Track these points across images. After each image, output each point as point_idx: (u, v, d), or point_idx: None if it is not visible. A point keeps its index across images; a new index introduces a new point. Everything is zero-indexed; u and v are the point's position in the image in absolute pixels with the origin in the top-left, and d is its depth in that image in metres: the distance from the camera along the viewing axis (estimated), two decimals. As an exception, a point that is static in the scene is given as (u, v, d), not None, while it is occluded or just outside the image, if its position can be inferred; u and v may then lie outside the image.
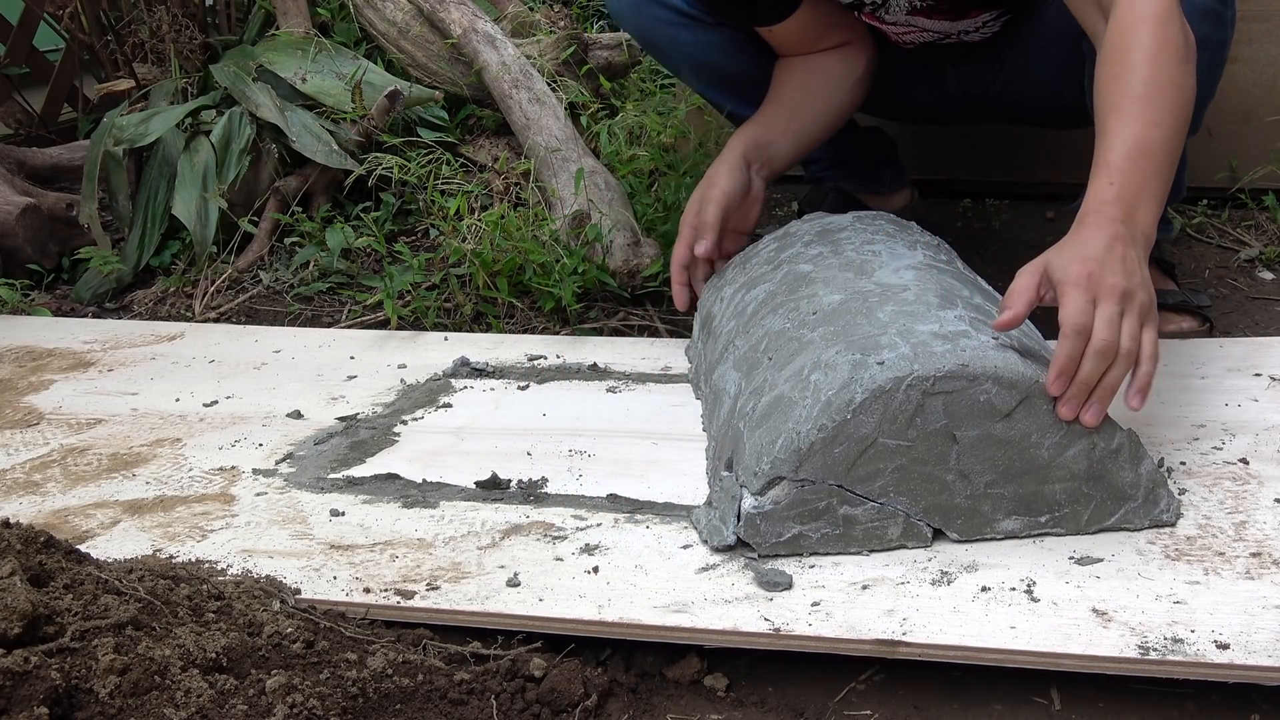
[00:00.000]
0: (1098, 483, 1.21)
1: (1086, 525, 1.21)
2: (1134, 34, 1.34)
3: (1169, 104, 1.31)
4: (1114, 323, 1.17)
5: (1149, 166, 1.28)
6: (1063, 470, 1.20)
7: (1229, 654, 1.02)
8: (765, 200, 1.81)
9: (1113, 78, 1.33)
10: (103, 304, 2.36)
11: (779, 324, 1.39)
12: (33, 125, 2.97)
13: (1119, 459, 1.20)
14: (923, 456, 1.18)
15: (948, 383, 1.17)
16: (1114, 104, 1.31)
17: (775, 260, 1.59)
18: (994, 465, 1.19)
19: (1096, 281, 1.18)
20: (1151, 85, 1.30)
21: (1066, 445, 1.19)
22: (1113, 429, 1.20)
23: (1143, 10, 1.34)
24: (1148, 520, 1.22)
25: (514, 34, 2.71)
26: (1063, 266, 1.20)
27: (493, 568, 1.23)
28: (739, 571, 1.19)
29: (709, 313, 1.66)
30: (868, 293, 1.36)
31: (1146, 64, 1.31)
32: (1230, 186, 2.26)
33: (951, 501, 1.20)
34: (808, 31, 1.78)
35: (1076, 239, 1.24)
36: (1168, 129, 1.30)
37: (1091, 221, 1.24)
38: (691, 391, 1.64)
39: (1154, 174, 1.29)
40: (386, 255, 2.28)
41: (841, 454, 1.18)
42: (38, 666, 0.94)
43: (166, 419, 1.68)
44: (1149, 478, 1.22)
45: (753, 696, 1.11)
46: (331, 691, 1.01)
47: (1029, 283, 1.23)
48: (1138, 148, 1.28)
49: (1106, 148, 1.29)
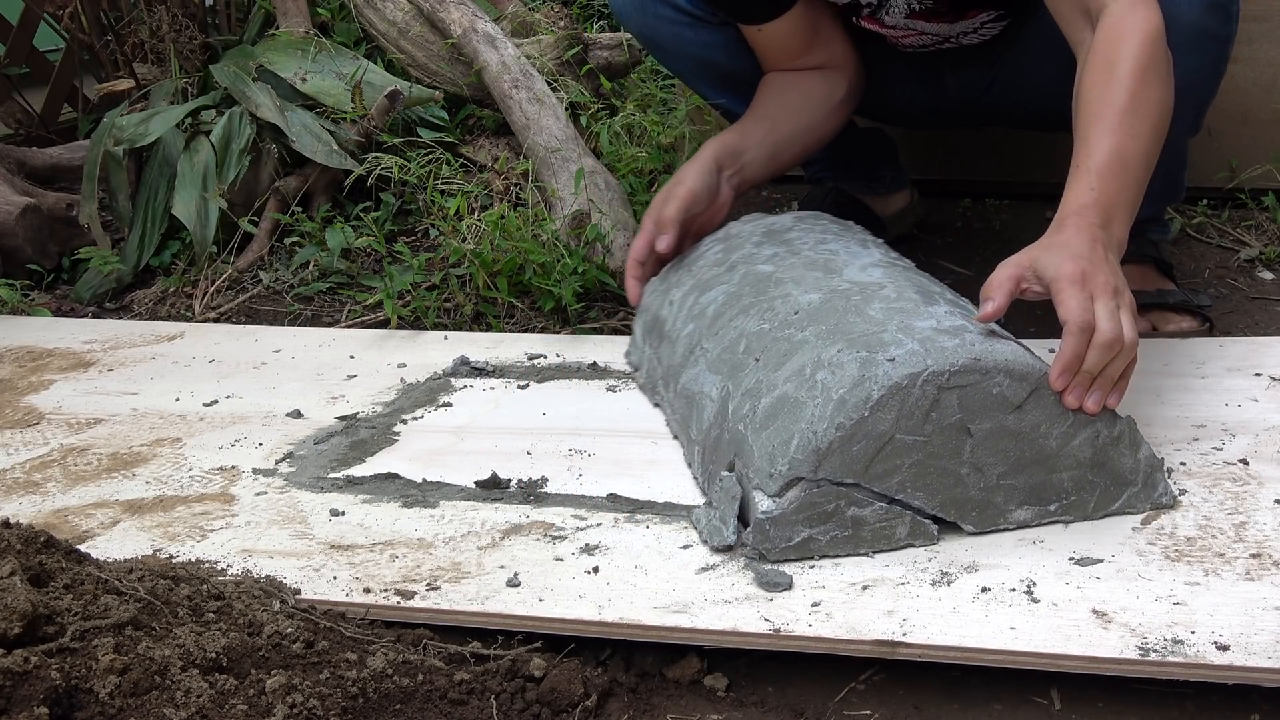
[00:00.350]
0: (1101, 469, 1.23)
1: (1093, 512, 1.24)
2: (1122, 46, 1.37)
3: (1150, 119, 1.35)
4: (1115, 316, 1.20)
5: (1127, 177, 1.33)
6: (1069, 459, 1.22)
7: (1229, 655, 1.02)
8: (733, 208, 1.79)
9: (1098, 86, 1.37)
10: (103, 304, 2.36)
11: (755, 325, 1.39)
12: (33, 125, 2.97)
13: (1120, 445, 1.23)
14: (938, 451, 1.20)
15: (962, 377, 1.18)
16: (1098, 112, 1.35)
17: (726, 262, 1.58)
18: (1006, 457, 1.21)
19: (1090, 279, 1.21)
20: (1135, 99, 1.34)
21: (1073, 434, 1.22)
22: (1114, 417, 1.23)
23: (1133, 24, 1.38)
24: (1148, 504, 1.25)
25: (514, 34, 2.71)
26: (1054, 264, 1.22)
27: (493, 568, 1.23)
28: (739, 572, 1.19)
29: (656, 316, 1.64)
30: (846, 291, 1.37)
31: (1132, 77, 1.35)
32: (1230, 186, 2.26)
33: (966, 494, 1.22)
34: (796, 37, 1.78)
35: (1060, 239, 1.26)
36: (1146, 143, 1.34)
37: (1073, 224, 1.28)
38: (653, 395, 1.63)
39: (1131, 185, 1.33)
40: (386, 255, 2.28)
41: (860, 452, 1.18)
42: (38, 666, 0.94)
43: (166, 419, 1.68)
44: (1147, 463, 1.25)
45: (753, 696, 1.11)
46: (331, 691, 1.01)
47: (1011, 274, 1.25)
48: (1118, 158, 1.32)
49: (1087, 154, 1.33)
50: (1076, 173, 1.33)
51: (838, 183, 2.19)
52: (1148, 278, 1.82)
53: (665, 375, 1.55)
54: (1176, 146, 1.68)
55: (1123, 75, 1.35)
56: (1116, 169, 1.32)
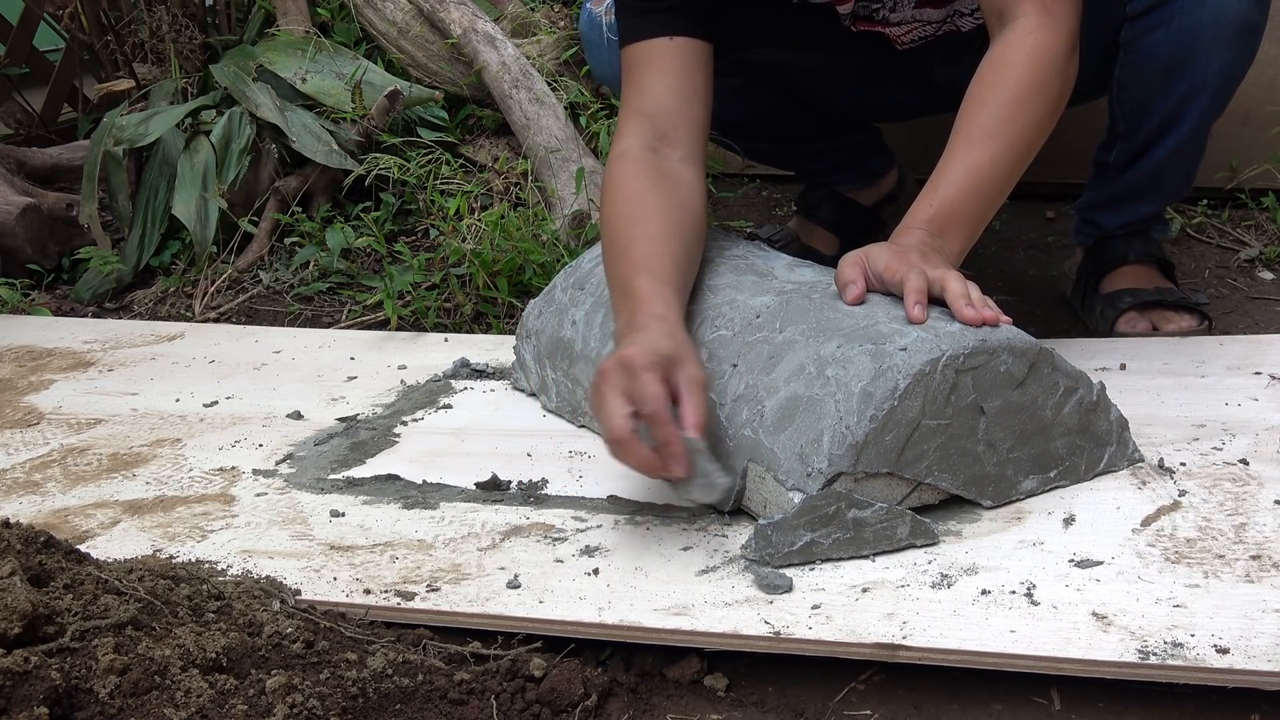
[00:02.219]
0: (1085, 433, 1.31)
1: (1085, 474, 1.32)
2: (1008, 68, 1.40)
3: (1015, 145, 1.38)
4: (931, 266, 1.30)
5: (974, 198, 1.38)
6: (1061, 426, 1.30)
7: (1229, 658, 1.02)
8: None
9: (974, 103, 1.40)
10: (103, 304, 2.37)
11: (710, 333, 1.39)
12: (33, 125, 2.97)
13: (1098, 409, 1.32)
14: (958, 432, 1.24)
15: (974, 358, 1.23)
16: (966, 130, 1.39)
17: None
18: (1013, 431, 1.27)
19: (907, 259, 1.30)
20: (1004, 123, 1.38)
21: (1064, 403, 1.29)
22: (1090, 382, 1.31)
23: (1030, 45, 1.39)
24: (1125, 463, 1.34)
25: (514, 34, 2.71)
26: (880, 258, 1.32)
27: (493, 569, 1.23)
28: (739, 574, 1.19)
29: (555, 339, 1.58)
30: (794, 292, 1.39)
31: (1008, 102, 1.38)
32: (1230, 186, 2.26)
33: (983, 471, 1.26)
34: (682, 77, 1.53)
35: (892, 242, 1.35)
36: (1006, 167, 1.39)
37: (903, 234, 1.36)
38: None
39: (976, 206, 1.38)
40: (386, 255, 2.28)
41: (892, 440, 1.21)
42: (38, 666, 0.94)
43: (166, 419, 1.68)
44: (1117, 423, 1.34)
45: (753, 696, 1.12)
46: (331, 691, 1.01)
47: (855, 258, 1.34)
48: (970, 178, 1.37)
49: (942, 173, 1.38)
50: (926, 187, 1.38)
51: (834, 185, 2.19)
52: (1149, 277, 1.82)
53: None
54: (1198, 142, 1.68)
55: (1000, 97, 1.38)
56: (965, 188, 1.37)
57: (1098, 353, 1.65)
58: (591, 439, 1.52)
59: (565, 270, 1.67)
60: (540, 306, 1.66)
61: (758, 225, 2.39)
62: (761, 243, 1.70)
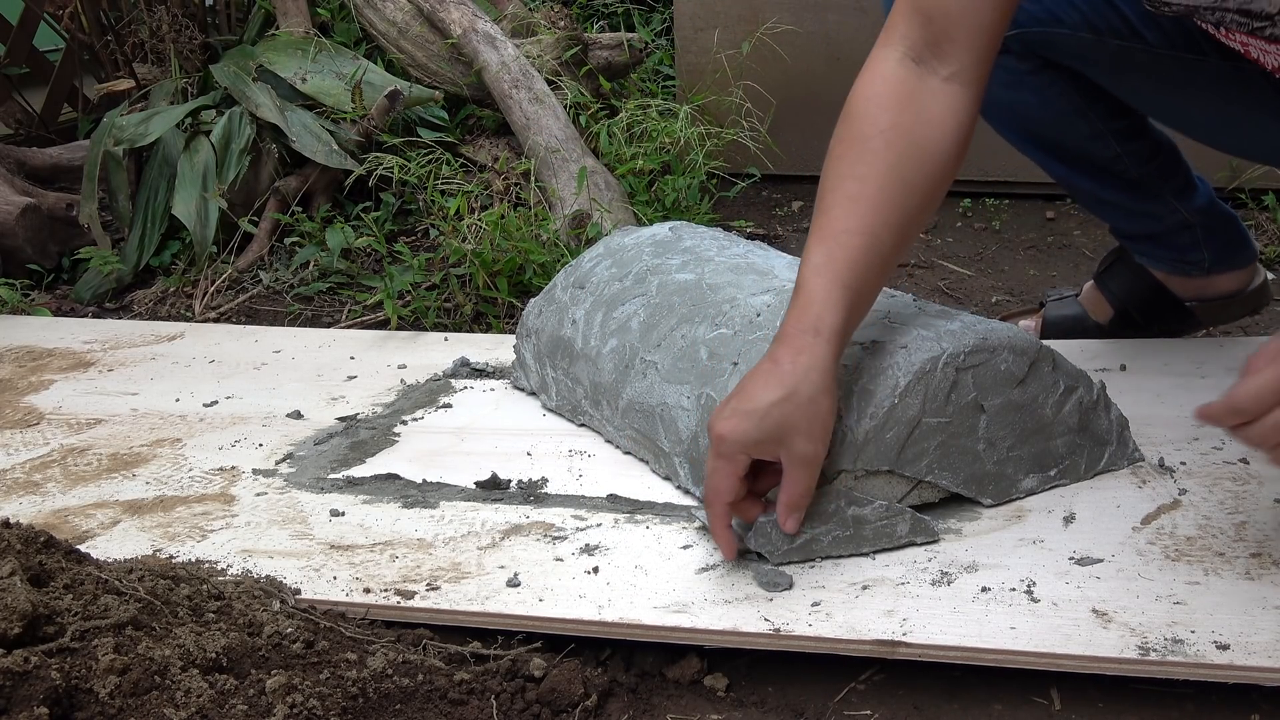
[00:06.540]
0: (1085, 433, 1.32)
1: (1085, 473, 1.32)
2: (869, 121, 1.19)
3: (894, 213, 1.18)
4: None
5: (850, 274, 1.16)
6: (1061, 425, 1.30)
7: (1229, 655, 1.02)
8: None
9: (843, 162, 1.20)
10: (103, 304, 2.37)
11: (710, 331, 1.39)
12: (33, 125, 2.97)
13: (1098, 408, 1.32)
14: (958, 430, 1.24)
15: (974, 356, 1.24)
16: (833, 196, 1.19)
17: (626, 276, 1.55)
18: (1013, 429, 1.27)
19: None
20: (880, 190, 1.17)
21: (1063, 402, 1.29)
22: (1090, 381, 1.31)
23: (877, 90, 1.20)
24: (1125, 462, 1.34)
25: (514, 34, 2.71)
26: None
27: (493, 568, 1.23)
28: (739, 572, 1.19)
29: (555, 337, 1.59)
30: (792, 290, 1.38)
31: (876, 163, 1.17)
32: (1230, 187, 2.26)
33: (983, 470, 1.26)
34: None
35: (751, 373, 1.17)
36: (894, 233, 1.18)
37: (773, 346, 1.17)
38: None
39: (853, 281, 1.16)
40: (386, 255, 2.28)
41: (893, 438, 1.21)
42: (38, 666, 0.94)
43: (166, 419, 1.68)
44: (1117, 422, 1.34)
45: (753, 696, 1.12)
46: (331, 691, 1.01)
47: None
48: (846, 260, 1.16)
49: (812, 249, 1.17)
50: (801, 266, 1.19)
51: (1136, 253, 1.74)
52: None
53: (593, 394, 1.51)
54: None
55: (871, 155, 1.19)
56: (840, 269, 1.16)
57: (1098, 353, 1.65)
58: (591, 438, 1.52)
59: (565, 269, 1.67)
60: (540, 306, 1.66)
61: (758, 225, 2.39)
62: (762, 242, 1.67)
